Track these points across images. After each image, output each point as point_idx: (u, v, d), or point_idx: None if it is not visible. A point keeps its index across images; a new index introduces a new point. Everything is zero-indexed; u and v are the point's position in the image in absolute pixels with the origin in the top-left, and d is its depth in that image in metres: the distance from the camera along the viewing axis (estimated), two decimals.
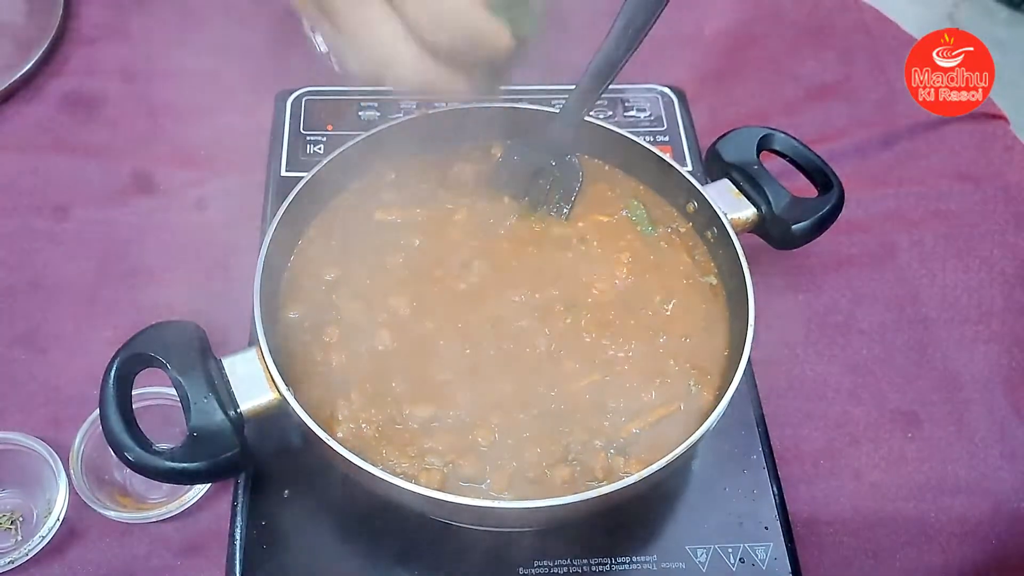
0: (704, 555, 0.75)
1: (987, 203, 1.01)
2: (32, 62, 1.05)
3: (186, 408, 0.66)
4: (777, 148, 0.87)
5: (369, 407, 0.72)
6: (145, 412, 0.73)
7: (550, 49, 1.01)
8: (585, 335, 0.76)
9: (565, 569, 0.74)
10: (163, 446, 0.65)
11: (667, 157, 0.84)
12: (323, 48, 0.69)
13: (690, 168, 0.97)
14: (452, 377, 0.74)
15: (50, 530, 0.73)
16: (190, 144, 1.01)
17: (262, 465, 0.77)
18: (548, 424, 0.72)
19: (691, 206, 0.84)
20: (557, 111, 0.84)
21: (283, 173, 0.95)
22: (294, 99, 1.01)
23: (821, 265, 0.95)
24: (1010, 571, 0.81)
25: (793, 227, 0.82)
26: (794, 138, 0.87)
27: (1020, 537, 0.81)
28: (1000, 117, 1.08)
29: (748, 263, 0.76)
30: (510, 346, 0.75)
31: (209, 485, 0.77)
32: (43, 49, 1.06)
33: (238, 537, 0.74)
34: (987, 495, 0.83)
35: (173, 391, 0.68)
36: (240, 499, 0.76)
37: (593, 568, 0.74)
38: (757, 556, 0.75)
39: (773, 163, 0.86)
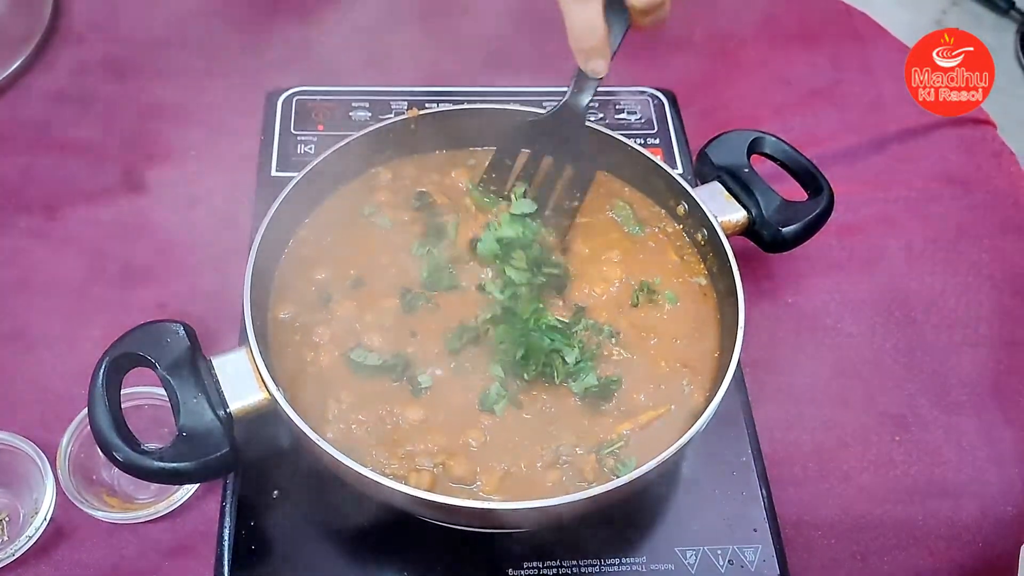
0: (693, 557, 0.75)
1: (975, 207, 1.02)
2: (21, 60, 1.04)
3: (175, 408, 0.66)
4: (767, 151, 0.88)
5: (359, 407, 0.72)
6: (134, 412, 0.73)
7: (537, 51, 1.02)
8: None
9: (555, 570, 0.74)
10: (152, 446, 0.65)
11: (657, 159, 0.84)
12: None
13: (680, 171, 0.98)
14: (443, 378, 0.74)
15: (37, 530, 0.73)
16: (180, 143, 1.01)
17: (251, 466, 0.77)
18: (539, 425, 0.72)
19: (681, 208, 0.84)
20: (544, 111, 0.84)
21: (273, 173, 0.94)
22: (285, 99, 1.00)
23: (810, 268, 0.95)
24: (997, 574, 0.82)
25: (783, 230, 0.82)
26: (784, 142, 0.87)
27: (1007, 540, 0.81)
28: (988, 122, 1.09)
29: (738, 265, 0.76)
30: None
31: (197, 485, 0.77)
32: (32, 47, 1.05)
33: (226, 538, 0.74)
34: (974, 498, 0.83)
35: (162, 391, 0.68)
36: (229, 499, 0.76)
37: (583, 570, 0.74)
38: (746, 558, 0.75)
39: (763, 166, 0.87)
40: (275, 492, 0.76)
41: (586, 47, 0.69)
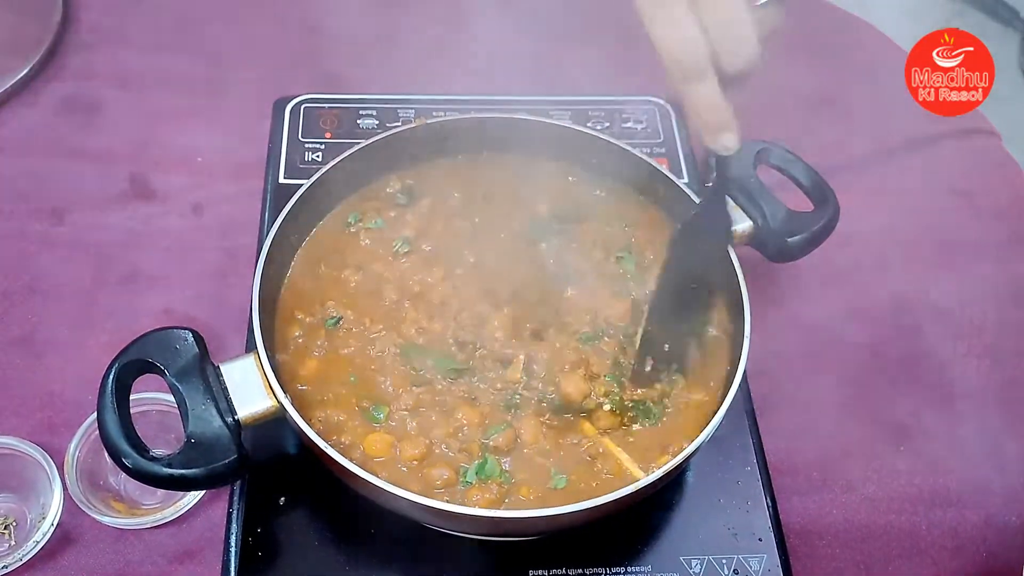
0: (698, 566, 0.75)
1: (980, 218, 1.02)
2: (30, 66, 1.05)
3: (184, 414, 0.66)
4: (774, 162, 0.88)
5: (356, 412, 0.72)
6: (140, 418, 0.73)
7: (544, 60, 1.01)
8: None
9: None
10: (160, 452, 0.65)
11: (664, 169, 0.85)
12: None
13: (686, 180, 0.98)
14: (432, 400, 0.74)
15: (44, 535, 0.73)
16: (188, 150, 1.01)
17: (258, 472, 0.77)
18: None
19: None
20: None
21: (281, 180, 0.95)
22: (293, 106, 1.01)
23: (816, 278, 0.96)
24: None
25: (789, 240, 0.82)
26: (791, 152, 0.88)
27: (1011, 550, 0.81)
28: (993, 133, 1.09)
29: (744, 275, 0.76)
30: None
31: (204, 492, 0.77)
32: (41, 53, 1.06)
33: (233, 544, 0.74)
34: (978, 508, 0.83)
35: (170, 397, 0.68)
36: (235, 505, 0.76)
37: None
38: (751, 567, 0.75)
39: (769, 176, 0.87)
40: (282, 498, 0.76)
41: (712, 123, 0.69)
